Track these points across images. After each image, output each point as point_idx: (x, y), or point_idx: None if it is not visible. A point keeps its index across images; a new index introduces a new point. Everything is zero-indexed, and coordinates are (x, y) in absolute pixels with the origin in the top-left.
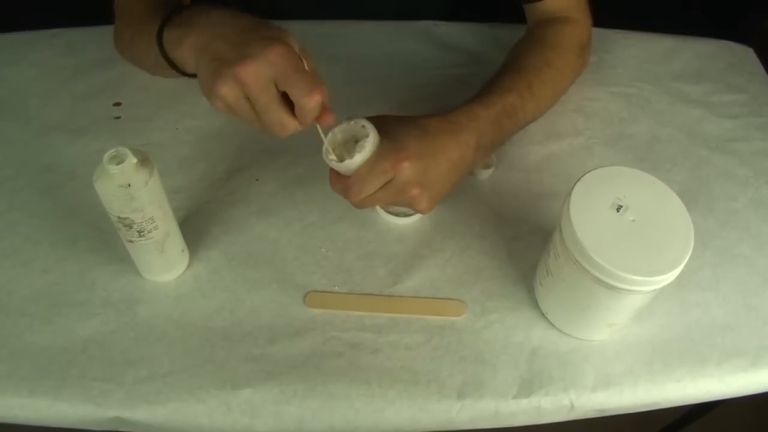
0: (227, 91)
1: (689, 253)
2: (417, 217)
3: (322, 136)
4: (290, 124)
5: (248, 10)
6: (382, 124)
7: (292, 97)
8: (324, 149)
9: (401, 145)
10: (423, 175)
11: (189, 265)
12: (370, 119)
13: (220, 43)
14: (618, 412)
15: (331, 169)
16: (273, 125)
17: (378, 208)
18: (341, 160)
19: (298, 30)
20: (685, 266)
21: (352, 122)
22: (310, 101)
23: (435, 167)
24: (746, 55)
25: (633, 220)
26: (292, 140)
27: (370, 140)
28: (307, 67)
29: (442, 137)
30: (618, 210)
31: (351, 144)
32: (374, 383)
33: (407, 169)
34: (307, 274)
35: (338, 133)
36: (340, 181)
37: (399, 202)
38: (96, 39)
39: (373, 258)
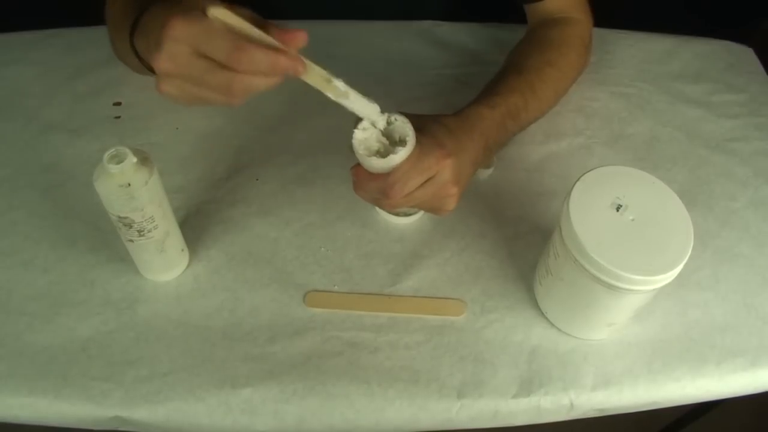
0: (165, 88)
1: (689, 253)
2: (417, 217)
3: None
4: (235, 82)
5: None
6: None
7: (220, 61)
8: (356, 145)
9: (440, 141)
10: (459, 174)
11: (189, 265)
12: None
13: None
14: (618, 412)
15: (360, 169)
16: (223, 92)
17: (378, 207)
18: (327, 88)
19: None
20: (685, 266)
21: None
22: (235, 61)
23: (464, 166)
24: (746, 55)
25: (633, 220)
26: (292, 140)
27: (412, 135)
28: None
29: (463, 136)
30: (618, 209)
31: (381, 140)
32: (374, 382)
33: (449, 167)
34: (307, 273)
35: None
36: (375, 180)
37: (432, 201)
38: (96, 39)
39: (373, 257)
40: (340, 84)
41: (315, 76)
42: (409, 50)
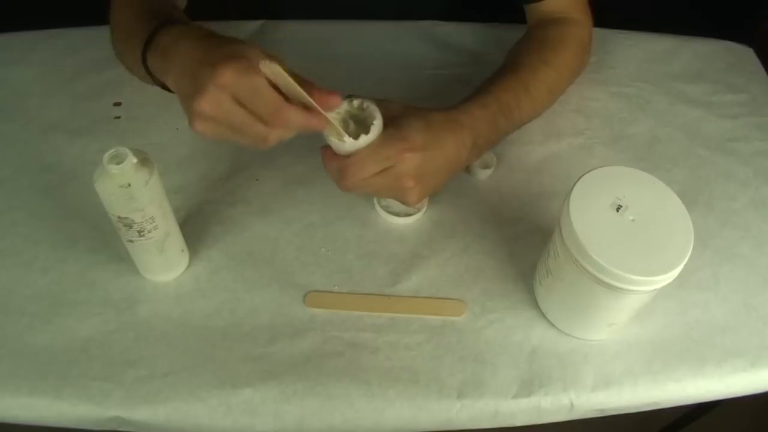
0: (200, 127)
1: (689, 253)
2: (417, 217)
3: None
4: (271, 136)
5: (249, 10)
6: (386, 108)
7: (259, 116)
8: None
9: (406, 134)
10: (420, 169)
11: (189, 265)
12: (375, 101)
13: (184, 81)
14: (618, 412)
15: (327, 147)
16: (257, 141)
17: (378, 207)
18: (339, 138)
19: (298, 30)
20: (685, 266)
21: (355, 102)
22: (274, 119)
23: (432, 162)
24: (746, 55)
25: (633, 220)
26: (292, 140)
27: (377, 124)
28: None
29: (443, 134)
30: (618, 210)
31: (349, 123)
32: (374, 383)
33: (408, 161)
34: (307, 273)
35: (338, 111)
36: (336, 160)
37: (389, 190)
38: (96, 39)
39: (373, 258)
40: (347, 140)
41: (333, 134)
42: (409, 50)
